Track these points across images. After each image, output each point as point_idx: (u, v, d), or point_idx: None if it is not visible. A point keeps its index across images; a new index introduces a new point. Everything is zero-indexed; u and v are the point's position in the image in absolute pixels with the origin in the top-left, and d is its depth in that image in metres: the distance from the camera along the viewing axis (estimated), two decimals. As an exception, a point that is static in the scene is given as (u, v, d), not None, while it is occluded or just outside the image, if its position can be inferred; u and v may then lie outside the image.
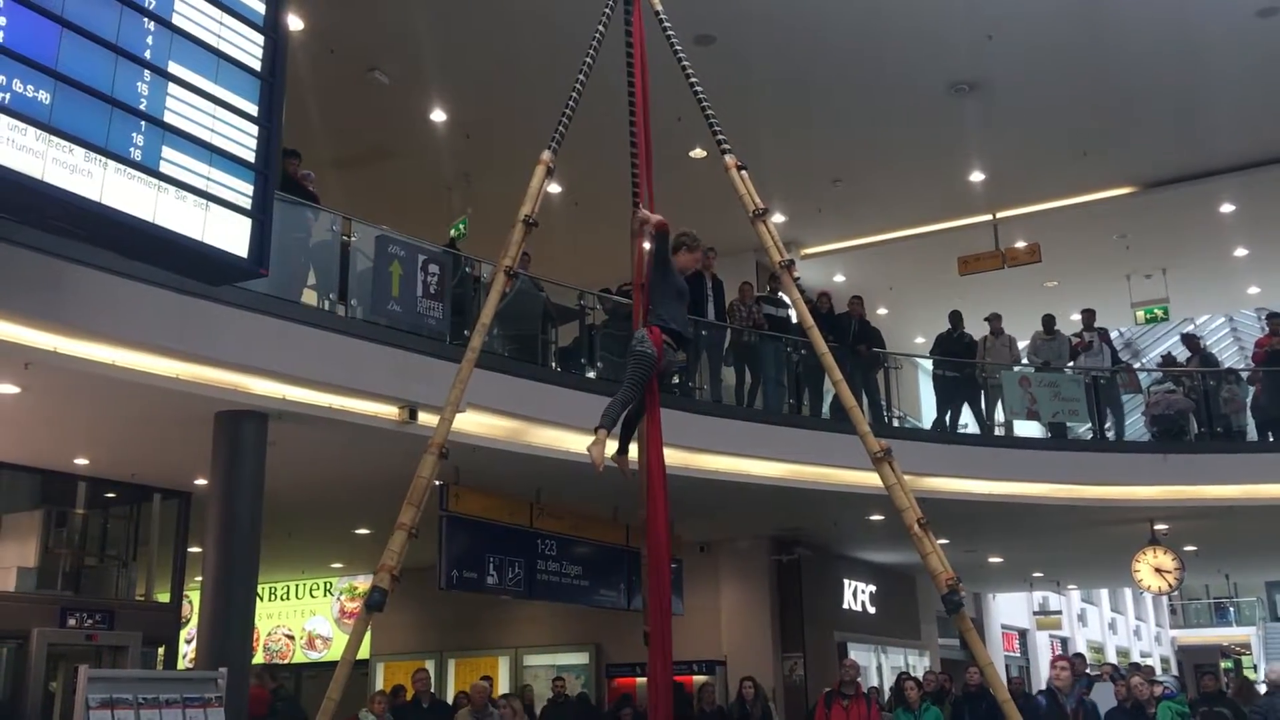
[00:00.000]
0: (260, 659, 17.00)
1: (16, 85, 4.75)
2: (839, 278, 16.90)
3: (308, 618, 18.75)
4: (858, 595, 17.61)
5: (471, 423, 9.09)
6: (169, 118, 5.46)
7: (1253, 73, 11.68)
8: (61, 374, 7.40)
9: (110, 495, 10.92)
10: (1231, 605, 38.28)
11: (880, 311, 17.03)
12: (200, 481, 9.96)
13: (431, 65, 11.12)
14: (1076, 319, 15.56)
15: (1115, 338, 17.13)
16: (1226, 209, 15.22)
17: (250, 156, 5.89)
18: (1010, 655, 25.10)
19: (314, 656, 18.45)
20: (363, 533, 13.77)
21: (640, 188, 5.24)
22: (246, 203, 5.86)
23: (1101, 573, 22.50)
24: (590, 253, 12.68)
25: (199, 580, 8.71)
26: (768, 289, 13.75)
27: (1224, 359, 22.96)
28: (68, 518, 10.60)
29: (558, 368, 11.00)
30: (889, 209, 15.07)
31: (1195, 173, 14.25)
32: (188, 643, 13.00)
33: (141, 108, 5.33)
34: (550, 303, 11.16)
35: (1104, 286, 16.92)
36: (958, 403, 13.90)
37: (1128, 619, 33.87)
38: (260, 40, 6.02)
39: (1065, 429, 14.04)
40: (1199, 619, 39.66)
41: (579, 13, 6.07)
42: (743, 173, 5.10)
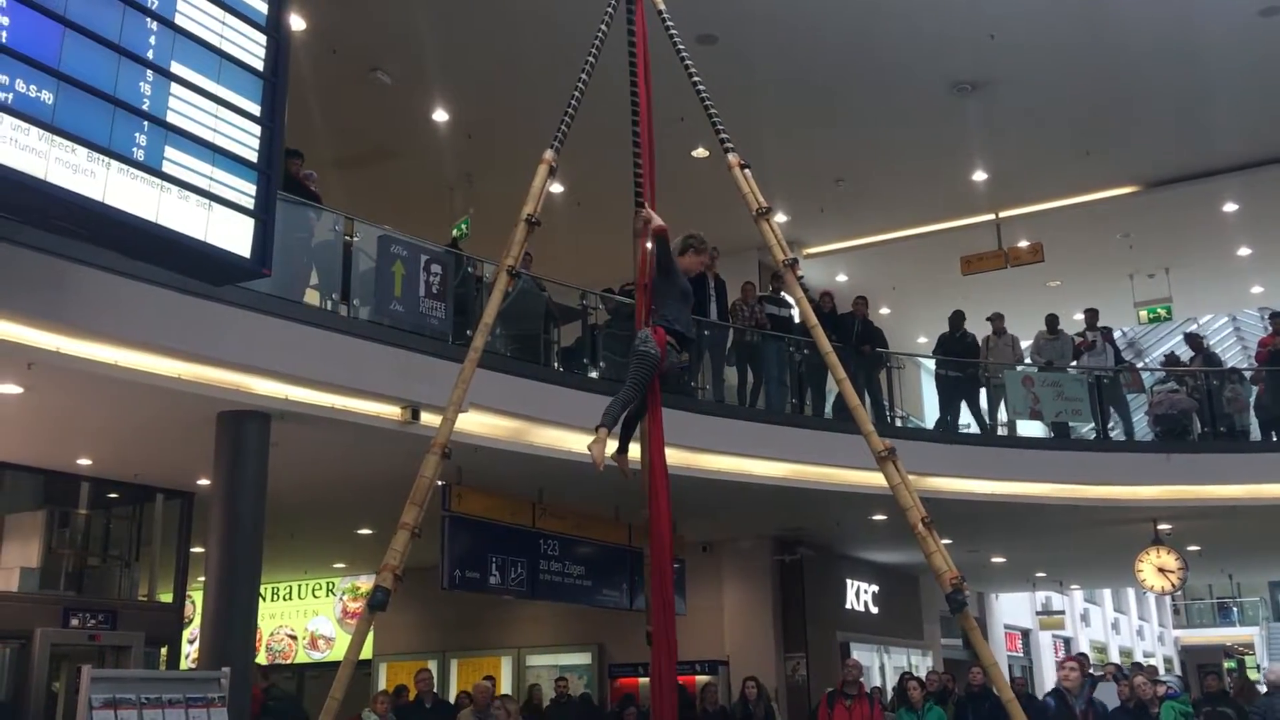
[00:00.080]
0: (263, 659, 17.00)
1: (19, 85, 4.75)
2: (841, 277, 16.89)
3: (310, 618, 18.76)
4: (860, 595, 17.60)
5: (474, 423, 9.09)
6: (171, 118, 5.46)
7: (1255, 72, 11.67)
8: (64, 374, 7.40)
9: (113, 495, 10.92)
10: (1235, 605, 38.22)
11: (883, 311, 17.01)
12: (203, 482, 9.96)
13: (433, 65, 11.12)
14: (1079, 318, 15.55)
15: (1118, 337, 17.09)
16: (1230, 208, 15.21)
17: (253, 156, 5.88)
18: (1013, 655, 25.08)
19: (316, 657, 18.45)
20: (365, 533, 13.77)
21: (643, 187, 5.23)
22: (249, 203, 5.85)
23: (1104, 573, 22.48)
24: (592, 252, 12.67)
25: (202, 580, 8.72)
26: (770, 289, 13.75)
27: (1227, 359, 22.90)
28: (70, 518, 10.59)
29: (560, 368, 11.00)
30: (891, 208, 15.06)
31: (1198, 172, 14.24)
32: (190, 643, 13.02)
33: (144, 108, 5.32)
34: (552, 302, 11.16)
35: (1107, 286, 16.92)
36: (960, 403, 13.90)
37: (1131, 619, 33.83)
38: (262, 40, 6.01)
39: (1068, 429, 14.03)
40: (1202, 619, 39.61)
41: (581, 12, 6.06)
42: (746, 171, 5.10)
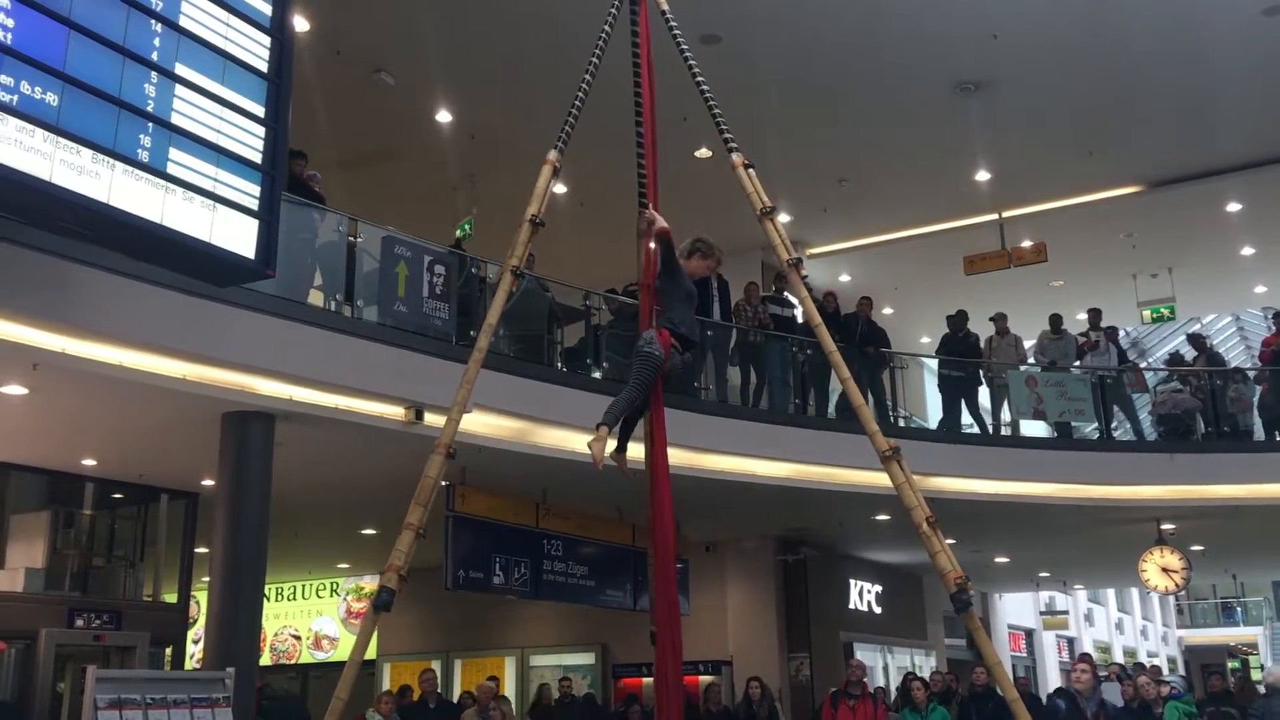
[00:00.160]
0: (267, 659, 17.03)
1: (24, 87, 4.76)
2: (844, 277, 16.89)
3: (314, 618, 18.78)
4: (864, 595, 17.60)
5: (477, 423, 9.09)
6: (176, 119, 5.47)
7: (1259, 71, 11.66)
8: (69, 375, 7.42)
9: (118, 496, 10.94)
10: (1238, 605, 38.10)
11: (886, 311, 17.00)
12: (207, 482, 9.98)
13: (437, 66, 11.13)
14: (1082, 318, 15.54)
15: (1121, 337, 17.07)
16: (1233, 208, 15.20)
17: (257, 158, 5.89)
18: (1016, 655, 25.06)
19: (320, 657, 18.48)
20: (369, 533, 13.79)
21: (647, 188, 5.22)
22: (253, 204, 5.86)
23: (1108, 572, 22.45)
24: (596, 253, 12.67)
25: (206, 581, 8.73)
26: (773, 289, 13.75)
27: (1230, 358, 22.85)
28: (75, 518, 10.62)
29: (563, 368, 11.00)
30: (894, 208, 15.06)
31: (1201, 172, 14.23)
32: (195, 643, 13.04)
33: (149, 109, 5.33)
34: (556, 303, 11.16)
35: (1110, 286, 16.91)
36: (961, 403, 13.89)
37: (1134, 619, 33.80)
38: (266, 42, 6.02)
39: (1071, 429, 14.03)
40: (1206, 619, 39.54)
41: (584, 13, 6.07)
42: (749, 171, 5.09)
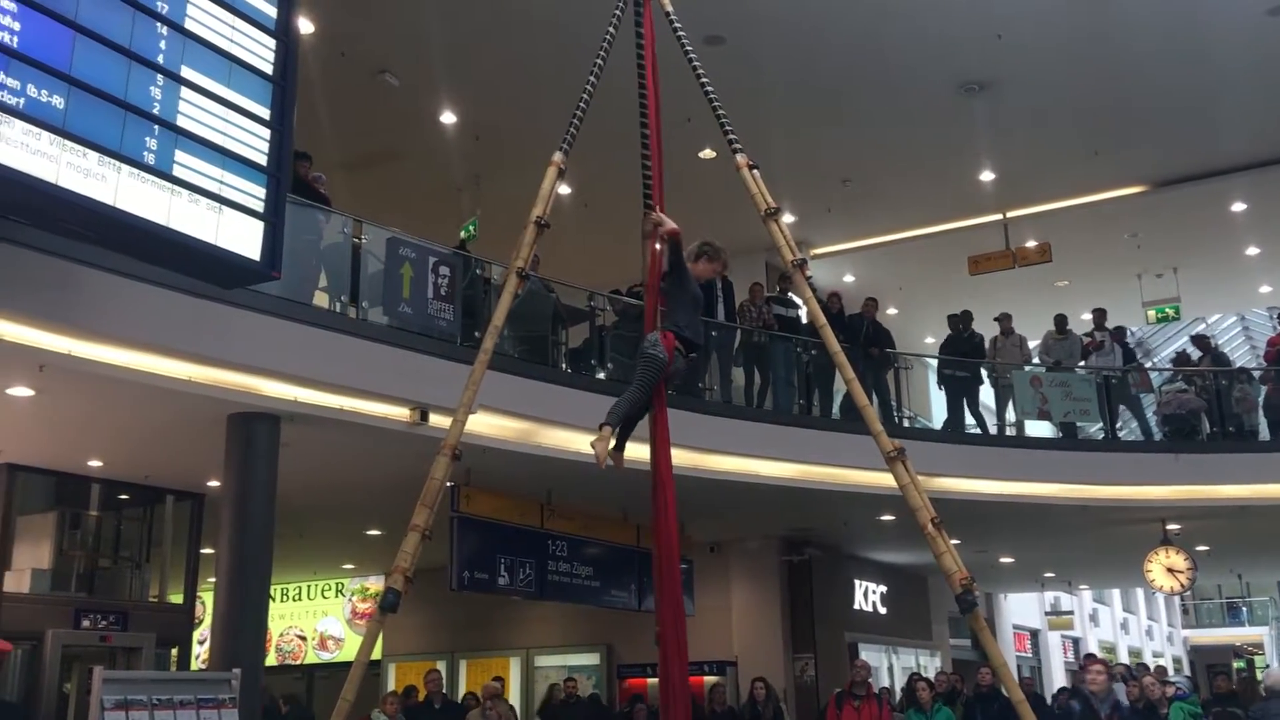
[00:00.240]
0: (272, 660, 17.05)
1: (31, 90, 4.78)
2: (848, 278, 16.87)
3: (319, 619, 18.80)
4: (868, 595, 17.58)
5: (482, 424, 9.09)
6: (182, 121, 5.49)
7: (1263, 71, 11.64)
8: (75, 376, 7.44)
9: (124, 497, 10.96)
10: (1244, 605, 38.01)
11: (890, 311, 17.00)
12: (213, 483, 10.00)
13: (441, 67, 11.14)
14: (1087, 318, 15.52)
15: (1128, 337, 17.04)
16: (1237, 208, 15.18)
17: (262, 160, 5.91)
18: (1022, 655, 25.02)
19: (326, 657, 18.49)
20: (374, 534, 13.80)
21: (652, 189, 5.22)
22: (259, 206, 5.88)
23: (1113, 573, 22.41)
24: (600, 254, 12.68)
25: (212, 581, 8.75)
26: (778, 289, 13.74)
27: (1236, 358, 22.84)
28: (81, 519, 10.65)
29: (568, 369, 11.01)
30: (899, 209, 15.04)
31: (1206, 171, 14.21)
32: (201, 644, 13.04)
33: (155, 112, 5.35)
34: (560, 304, 11.16)
35: (1115, 286, 16.88)
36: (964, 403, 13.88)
37: (1140, 619, 33.72)
38: (271, 44, 6.04)
39: (1076, 429, 14.01)
40: (1211, 619, 39.45)
41: (589, 14, 6.07)
42: (754, 172, 5.09)
